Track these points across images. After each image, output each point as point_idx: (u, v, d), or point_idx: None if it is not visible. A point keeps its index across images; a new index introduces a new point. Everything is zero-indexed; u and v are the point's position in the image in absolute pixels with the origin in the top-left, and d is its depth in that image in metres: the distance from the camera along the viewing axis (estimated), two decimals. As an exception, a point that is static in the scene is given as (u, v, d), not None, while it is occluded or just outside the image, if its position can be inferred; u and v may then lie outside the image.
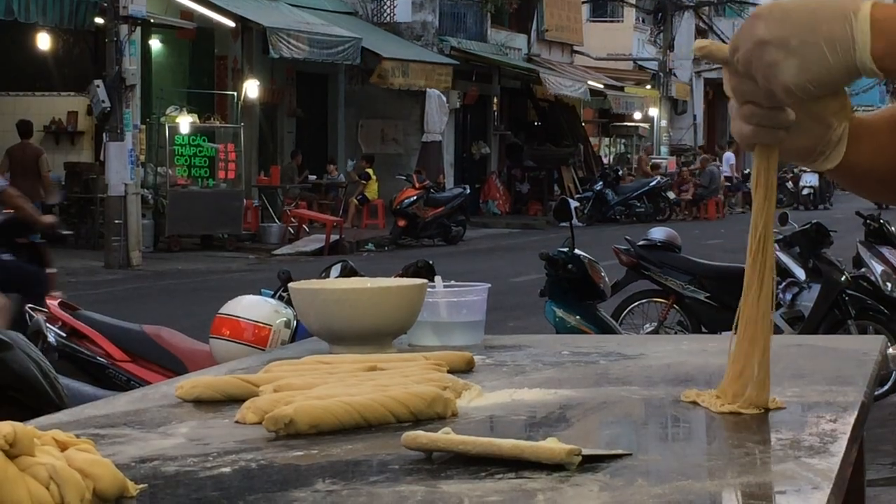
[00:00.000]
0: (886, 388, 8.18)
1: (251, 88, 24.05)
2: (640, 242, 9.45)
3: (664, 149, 40.40)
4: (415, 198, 23.53)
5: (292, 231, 22.45)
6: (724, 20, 46.94)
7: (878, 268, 8.64)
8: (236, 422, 1.70)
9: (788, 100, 1.52)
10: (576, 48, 38.34)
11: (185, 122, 21.17)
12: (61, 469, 1.23)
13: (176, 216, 20.64)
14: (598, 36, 39.93)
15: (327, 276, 5.74)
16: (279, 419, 1.60)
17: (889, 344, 3.68)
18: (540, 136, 34.96)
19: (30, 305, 6.59)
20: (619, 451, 1.48)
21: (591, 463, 1.42)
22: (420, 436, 1.47)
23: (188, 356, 6.13)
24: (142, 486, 1.33)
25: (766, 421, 1.72)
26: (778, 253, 9.24)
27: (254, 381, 1.87)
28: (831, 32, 1.46)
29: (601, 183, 31.12)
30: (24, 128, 18.72)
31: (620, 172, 33.75)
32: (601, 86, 36.14)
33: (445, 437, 1.46)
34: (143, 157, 20.38)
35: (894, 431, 7.60)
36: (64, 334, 6.32)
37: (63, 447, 1.30)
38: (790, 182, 36.90)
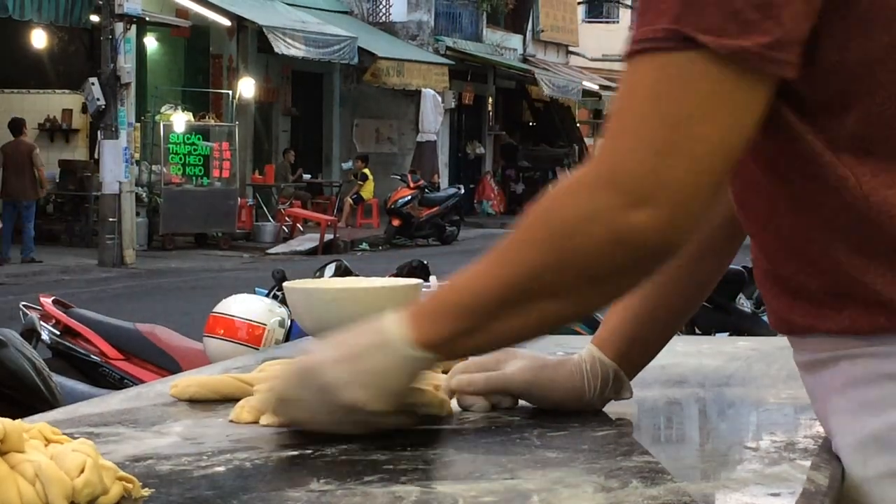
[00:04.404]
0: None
1: (246, 87, 24.04)
2: (635, 243, 9.43)
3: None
4: (409, 197, 23.52)
5: (286, 230, 22.45)
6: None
7: (872, 270, 8.64)
8: (230, 421, 1.70)
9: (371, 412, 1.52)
10: (571, 49, 38.35)
11: (179, 121, 21.15)
12: (47, 467, 1.23)
13: (170, 214, 20.64)
14: (594, 37, 39.92)
15: (321, 275, 5.74)
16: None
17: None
18: (535, 137, 34.97)
19: (23, 304, 6.58)
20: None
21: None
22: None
23: (182, 355, 6.13)
24: (148, 490, 1.32)
25: (760, 422, 1.72)
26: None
27: (248, 380, 1.87)
28: (367, 344, 1.50)
29: (596, 183, 31.08)
30: (15, 125, 18.71)
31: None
32: (596, 86, 36.15)
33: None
34: (137, 156, 20.35)
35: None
36: (58, 332, 6.31)
37: (50, 443, 1.30)
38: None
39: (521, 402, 1.73)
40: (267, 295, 5.70)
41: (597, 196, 1.32)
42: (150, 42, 23.57)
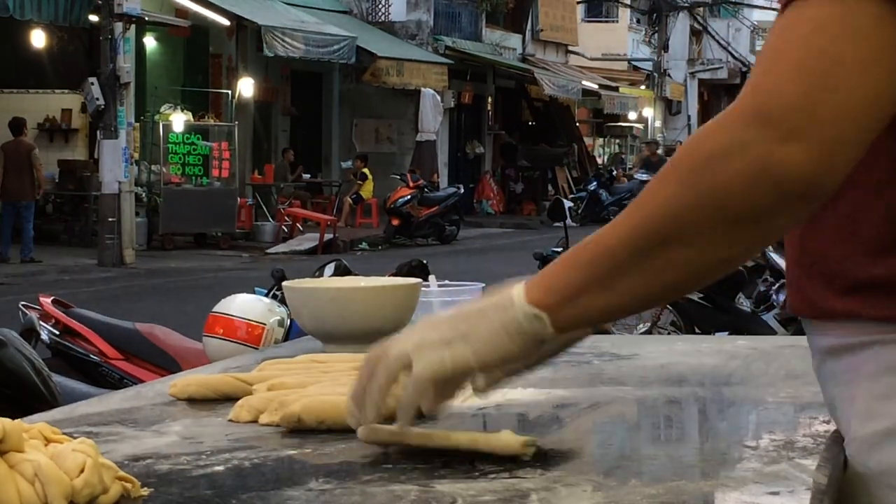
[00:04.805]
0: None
1: (245, 87, 24.03)
2: (634, 243, 9.42)
3: (659, 149, 40.46)
4: (409, 197, 23.52)
5: (286, 230, 22.45)
6: (719, 20, 46.98)
7: (872, 269, 8.63)
8: (230, 420, 1.70)
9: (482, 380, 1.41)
10: (570, 48, 38.35)
11: (179, 120, 21.15)
12: (46, 467, 1.23)
13: (170, 214, 20.64)
14: (593, 36, 39.93)
15: (321, 275, 5.73)
16: (288, 418, 1.61)
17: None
18: (534, 136, 34.97)
19: (23, 303, 6.58)
20: (576, 448, 1.48)
21: (546, 458, 1.42)
22: (379, 430, 1.47)
23: (181, 354, 6.12)
24: (147, 490, 1.32)
25: (760, 420, 1.72)
26: (772, 254, 9.25)
27: (247, 379, 1.87)
28: (490, 302, 1.39)
29: (595, 183, 31.12)
30: (16, 125, 18.72)
31: (615, 172, 33.77)
32: (595, 86, 36.15)
33: (403, 430, 1.46)
34: (137, 155, 20.35)
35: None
36: (57, 332, 6.31)
37: (50, 442, 1.30)
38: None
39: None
40: (266, 294, 5.69)
41: (744, 129, 1.26)
42: (150, 42, 23.56)
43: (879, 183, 1.37)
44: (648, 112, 41.17)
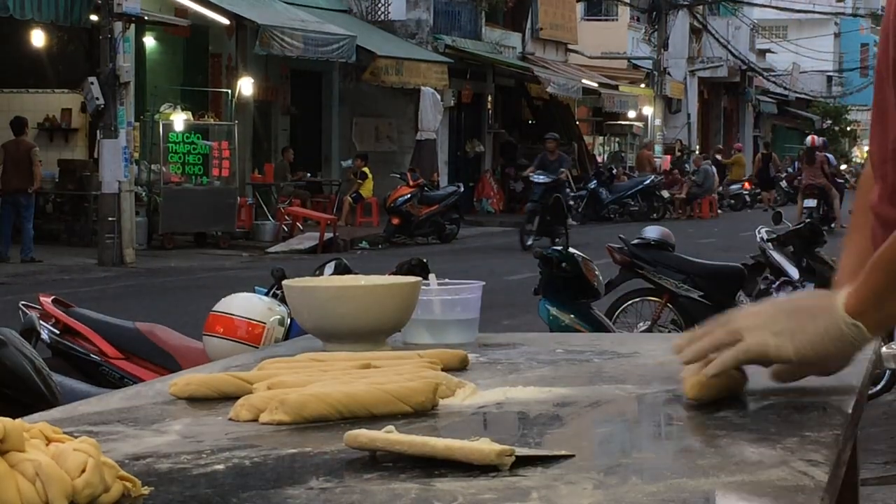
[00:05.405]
0: (880, 387, 8.18)
1: (245, 86, 24.03)
2: (634, 241, 9.45)
3: (658, 147, 40.46)
4: (409, 196, 23.52)
5: (286, 229, 22.44)
6: (719, 19, 46.95)
7: (872, 267, 8.63)
8: (230, 419, 1.70)
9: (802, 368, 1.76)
10: (570, 47, 38.33)
11: (179, 120, 21.15)
12: (47, 466, 1.23)
13: (170, 214, 20.64)
14: (593, 34, 39.91)
15: (321, 273, 5.74)
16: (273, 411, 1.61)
17: (882, 343, 3.68)
18: (534, 135, 34.96)
19: (23, 303, 6.58)
20: (560, 452, 1.47)
21: (526, 465, 1.41)
22: (361, 434, 1.47)
23: (182, 353, 6.12)
24: (148, 489, 1.32)
25: (761, 419, 1.72)
26: (772, 252, 9.26)
27: (247, 378, 1.87)
28: (818, 305, 1.70)
29: (595, 181, 31.13)
30: (18, 124, 18.73)
31: (615, 171, 33.78)
32: (595, 84, 36.14)
33: (385, 436, 1.45)
34: (136, 155, 20.36)
35: (887, 431, 7.61)
36: (57, 331, 6.31)
37: (51, 442, 1.30)
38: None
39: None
40: (266, 293, 5.70)
41: None
42: (149, 41, 23.56)
43: None
44: (648, 110, 41.16)
